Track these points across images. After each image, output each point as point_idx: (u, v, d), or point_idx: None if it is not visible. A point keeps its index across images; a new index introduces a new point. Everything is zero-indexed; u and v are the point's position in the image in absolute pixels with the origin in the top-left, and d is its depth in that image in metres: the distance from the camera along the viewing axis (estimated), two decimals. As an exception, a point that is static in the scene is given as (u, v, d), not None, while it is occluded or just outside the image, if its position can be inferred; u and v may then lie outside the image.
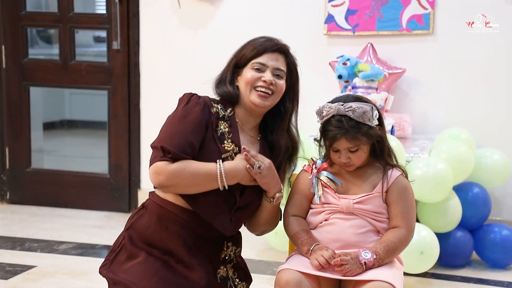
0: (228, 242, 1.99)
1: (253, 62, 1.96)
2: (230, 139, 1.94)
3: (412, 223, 1.94)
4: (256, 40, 2.00)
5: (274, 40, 2.02)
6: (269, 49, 1.97)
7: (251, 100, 1.95)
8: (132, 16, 4.19)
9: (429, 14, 3.71)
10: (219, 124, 1.94)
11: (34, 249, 3.56)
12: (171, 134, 1.87)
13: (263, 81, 1.94)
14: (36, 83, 4.46)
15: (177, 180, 1.84)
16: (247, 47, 1.99)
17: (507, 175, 3.47)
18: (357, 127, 1.88)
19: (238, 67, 1.99)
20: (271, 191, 1.94)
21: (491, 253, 3.33)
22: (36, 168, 4.51)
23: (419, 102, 3.79)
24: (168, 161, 1.84)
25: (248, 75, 1.95)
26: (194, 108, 1.91)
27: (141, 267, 1.87)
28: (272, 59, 1.97)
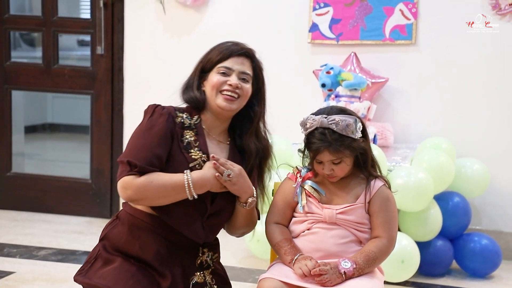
0: (203, 248, 1.98)
1: (219, 66, 1.97)
2: (197, 147, 1.94)
3: (394, 234, 1.96)
4: (222, 45, 2.01)
5: (240, 44, 2.02)
6: (235, 53, 1.98)
7: (217, 104, 1.95)
8: (117, 21, 4.18)
9: (412, 25, 3.74)
10: (185, 134, 1.94)
11: (13, 254, 3.53)
12: (137, 148, 1.87)
13: (228, 85, 1.95)
14: (18, 86, 4.43)
15: (145, 193, 1.85)
16: (213, 52, 2.00)
17: (486, 185, 3.50)
18: (340, 140, 1.89)
19: (204, 72, 2.00)
20: (243, 197, 1.95)
21: (470, 262, 3.36)
22: (17, 172, 4.47)
23: (401, 112, 3.82)
24: (135, 175, 1.84)
25: (214, 79, 1.96)
26: (159, 119, 1.91)
27: (116, 271, 1.87)
28: (237, 63, 1.98)
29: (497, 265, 3.38)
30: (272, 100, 4.10)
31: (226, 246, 2.12)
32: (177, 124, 1.93)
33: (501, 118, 3.72)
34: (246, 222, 2.02)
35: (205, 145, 1.95)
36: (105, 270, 1.89)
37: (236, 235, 2.08)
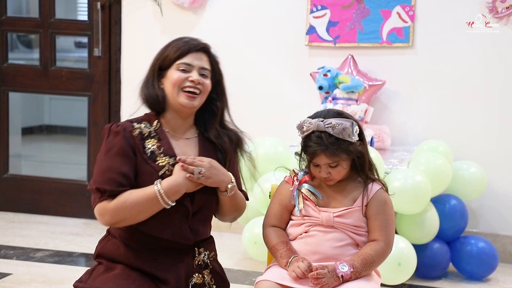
0: (199, 248, 1.98)
1: (178, 63, 1.94)
2: (163, 153, 1.92)
3: (391, 237, 1.96)
4: (178, 41, 1.99)
5: (196, 39, 2.01)
6: (193, 49, 1.96)
7: (179, 102, 1.94)
8: (114, 23, 4.18)
9: (409, 28, 3.75)
10: (146, 144, 1.92)
11: (9, 256, 3.52)
12: (102, 172, 1.87)
13: (190, 81, 1.93)
14: (15, 88, 4.43)
15: (122, 215, 1.85)
16: (170, 49, 1.97)
17: (483, 187, 3.51)
18: (336, 144, 1.89)
19: (162, 69, 1.97)
20: (222, 186, 1.93)
21: (467, 265, 3.36)
22: (14, 174, 4.47)
23: (398, 114, 3.83)
24: (107, 200, 1.85)
25: (174, 76, 1.93)
26: (115, 139, 1.90)
27: (118, 277, 1.87)
28: (197, 58, 1.96)
29: (493, 268, 3.38)
30: (269, 102, 4.16)
31: (223, 248, 2.13)
32: (136, 137, 1.91)
33: (498, 121, 3.73)
34: (234, 208, 2.02)
35: (170, 149, 1.94)
36: (106, 276, 1.89)
37: (228, 221, 2.08)
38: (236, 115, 4.38)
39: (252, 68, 4.01)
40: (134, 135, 1.92)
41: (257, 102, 4.02)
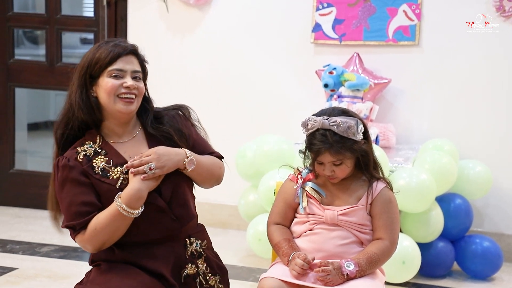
0: (190, 238, 1.98)
1: (110, 69, 1.89)
2: (113, 166, 1.90)
3: (396, 235, 1.96)
4: (105, 46, 1.93)
5: (122, 42, 1.96)
6: (123, 53, 1.91)
7: (118, 109, 1.90)
8: (120, 19, 4.19)
9: (415, 26, 3.74)
10: (94, 164, 1.90)
11: (15, 251, 3.54)
12: (66, 209, 1.88)
13: (125, 87, 1.90)
14: (21, 84, 4.44)
15: (100, 239, 1.86)
16: (98, 55, 1.89)
17: (489, 186, 3.50)
18: (341, 142, 1.89)
19: (92, 77, 1.90)
20: (180, 166, 1.91)
21: (472, 264, 3.36)
22: (20, 169, 4.48)
23: (404, 113, 3.82)
24: (81, 233, 1.87)
25: (108, 84, 1.88)
26: (64, 172, 1.89)
27: (119, 275, 1.87)
28: (128, 62, 1.91)
29: (498, 267, 3.38)
30: (274, 100, 4.16)
31: (228, 245, 2.14)
32: (82, 161, 1.89)
33: (504, 120, 3.71)
34: (207, 175, 2.00)
35: (120, 157, 1.92)
36: (106, 275, 1.89)
37: (210, 187, 2.06)
38: (241, 112, 4.42)
39: (257, 65, 4.01)
40: (79, 160, 1.89)
41: (262, 100, 4.02)
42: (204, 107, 4.01)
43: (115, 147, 1.94)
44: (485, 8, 3.65)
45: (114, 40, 1.95)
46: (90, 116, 1.92)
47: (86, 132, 1.96)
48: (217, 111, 4.06)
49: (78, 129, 1.95)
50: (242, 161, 3.51)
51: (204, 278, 1.96)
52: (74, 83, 1.93)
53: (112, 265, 1.91)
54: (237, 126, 4.06)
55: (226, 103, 4.08)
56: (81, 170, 1.88)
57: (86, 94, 1.90)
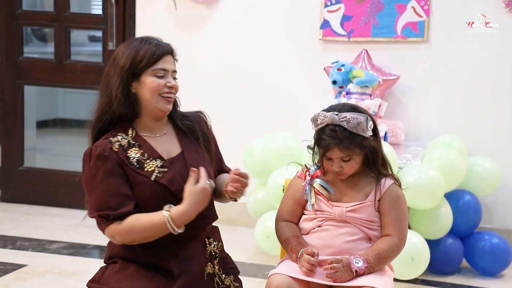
0: (209, 238, 2.00)
1: (155, 68, 1.91)
2: (148, 158, 1.91)
3: (404, 232, 1.96)
4: (146, 45, 1.93)
5: (162, 41, 1.99)
6: (166, 53, 1.95)
7: (159, 108, 1.92)
8: (128, 17, 4.20)
9: (424, 22, 3.73)
10: (129, 154, 1.90)
11: (25, 248, 3.56)
12: (98, 198, 1.87)
13: (169, 87, 1.93)
14: (30, 82, 4.46)
15: (132, 238, 1.87)
16: (142, 53, 1.91)
17: (498, 183, 3.49)
18: (350, 138, 1.89)
19: (133, 75, 1.91)
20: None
21: (481, 261, 3.35)
22: (29, 167, 4.51)
23: (412, 109, 3.81)
24: (114, 223, 1.85)
25: (154, 83, 1.90)
26: (99, 162, 1.88)
27: (133, 276, 1.87)
28: (169, 62, 1.95)
29: (507, 264, 3.37)
30: (282, 96, 4.16)
31: (236, 242, 2.14)
32: (118, 151, 1.89)
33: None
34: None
35: (154, 151, 1.93)
36: (121, 275, 1.89)
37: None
38: (249, 109, 4.42)
39: (265, 62, 4.01)
40: (115, 150, 1.89)
41: (270, 97, 4.02)
42: (212, 104, 4.01)
43: (148, 141, 1.95)
44: (494, 4, 3.63)
45: (152, 39, 1.97)
46: (129, 111, 1.93)
47: (117, 125, 1.96)
48: (225, 109, 4.06)
49: (109, 123, 1.96)
50: (250, 159, 3.51)
51: (220, 279, 1.98)
52: (115, 79, 1.92)
53: (128, 264, 1.91)
54: (245, 123, 4.06)
55: (234, 100, 4.08)
56: (116, 160, 1.88)
57: (127, 90, 1.92)
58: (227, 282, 1.99)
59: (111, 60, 1.97)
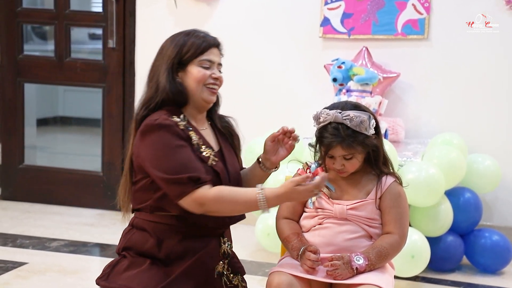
0: (223, 238, 2.01)
1: (201, 59, 1.94)
2: (203, 144, 1.92)
3: (405, 230, 1.96)
4: (195, 35, 1.97)
5: (209, 34, 2.01)
6: (212, 45, 1.97)
7: (204, 98, 1.95)
8: (129, 14, 4.20)
9: (424, 19, 3.73)
10: (191, 135, 1.91)
11: (25, 245, 3.56)
12: (183, 162, 1.84)
13: (213, 78, 1.95)
14: (30, 79, 4.46)
15: (219, 207, 1.85)
16: (190, 43, 1.94)
17: (498, 180, 3.49)
18: (353, 136, 1.89)
19: (180, 64, 1.94)
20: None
21: (481, 258, 3.35)
22: (29, 165, 4.51)
23: (413, 107, 3.81)
24: (202, 188, 1.83)
25: (199, 73, 1.93)
26: (170, 130, 1.86)
27: (145, 275, 1.86)
28: (215, 54, 1.98)
29: (507, 261, 3.37)
30: (283, 94, 4.15)
31: (237, 240, 2.13)
32: (183, 130, 1.90)
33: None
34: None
35: (205, 140, 1.95)
36: (132, 272, 1.88)
37: None
38: (250, 107, 4.42)
39: (266, 60, 4.01)
40: (180, 127, 1.90)
41: (270, 94, 4.02)
42: (213, 102, 4.01)
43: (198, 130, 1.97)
44: (494, 2, 3.63)
45: (200, 32, 1.99)
46: (177, 98, 1.93)
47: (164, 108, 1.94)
48: (225, 106, 4.04)
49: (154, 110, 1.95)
50: (251, 157, 3.50)
51: (228, 278, 1.98)
52: (161, 66, 1.95)
53: (140, 259, 1.89)
54: (245, 121, 4.02)
55: (235, 98, 4.07)
56: (183, 136, 1.88)
57: (173, 79, 1.93)
58: (235, 282, 2.00)
59: (159, 50, 2.00)
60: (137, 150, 1.90)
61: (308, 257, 1.88)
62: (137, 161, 1.92)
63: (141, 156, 1.89)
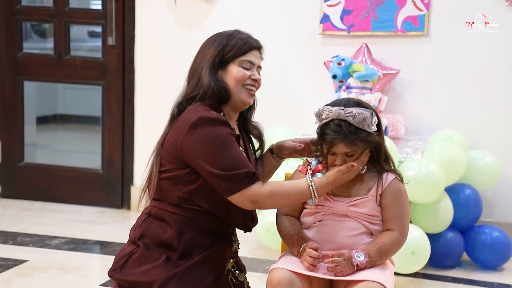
0: (234, 236, 2.04)
1: (242, 59, 1.96)
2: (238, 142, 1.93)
3: (406, 226, 1.96)
4: (238, 36, 1.99)
5: (252, 36, 2.03)
6: (254, 47, 2.00)
7: (241, 98, 1.96)
8: (128, 12, 4.19)
9: (424, 16, 3.72)
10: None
11: (26, 243, 3.56)
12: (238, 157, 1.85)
13: (252, 80, 1.97)
14: (30, 77, 4.45)
15: (273, 202, 1.89)
16: (231, 44, 1.97)
17: (498, 177, 3.49)
18: (355, 133, 1.88)
19: (222, 63, 1.97)
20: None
21: (481, 254, 3.35)
22: (29, 163, 4.51)
23: (413, 103, 3.81)
24: (255, 185, 1.84)
25: (239, 73, 1.95)
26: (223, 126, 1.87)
27: (162, 270, 1.86)
28: (256, 56, 2.00)
29: (508, 257, 3.37)
30: (282, 91, 4.15)
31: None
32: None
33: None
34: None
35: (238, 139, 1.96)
36: (147, 267, 1.88)
37: None
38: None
39: (266, 57, 3.99)
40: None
41: (270, 91, 4.00)
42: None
43: None
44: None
45: (243, 33, 2.02)
46: (220, 95, 1.94)
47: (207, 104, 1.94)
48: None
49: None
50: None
51: (234, 275, 2.00)
52: (203, 65, 1.97)
53: (154, 251, 1.89)
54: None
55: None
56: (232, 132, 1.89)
57: (215, 77, 1.95)
58: (241, 279, 2.02)
59: (199, 50, 2.03)
60: (183, 142, 1.87)
61: (309, 254, 1.88)
62: (177, 152, 1.88)
63: (188, 149, 1.86)
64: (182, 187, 1.89)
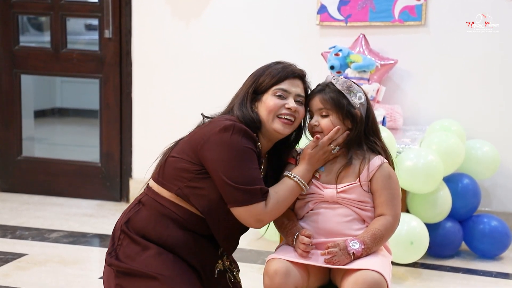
0: None
1: (275, 88, 1.94)
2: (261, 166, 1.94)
3: (398, 210, 1.97)
4: (274, 66, 1.98)
5: (292, 65, 2.01)
6: (291, 76, 1.96)
7: (274, 128, 1.94)
8: (124, 4, 4.17)
9: (421, 6, 3.71)
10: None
11: (25, 237, 3.56)
12: (254, 173, 1.86)
13: (287, 109, 1.94)
14: (27, 71, 4.44)
15: (277, 212, 1.91)
16: (267, 74, 1.96)
17: (496, 166, 3.49)
18: (335, 94, 1.95)
19: (257, 94, 1.96)
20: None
21: (480, 244, 3.36)
22: (27, 156, 4.50)
23: (411, 94, 3.80)
24: (262, 202, 1.86)
25: (271, 103, 1.93)
26: (249, 139, 1.88)
27: (160, 259, 1.86)
28: (294, 85, 1.96)
29: (506, 247, 3.38)
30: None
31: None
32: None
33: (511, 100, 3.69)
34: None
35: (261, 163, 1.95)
36: (144, 256, 1.87)
37: None
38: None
39: (263, 48, 3.99)
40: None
41: (268, 83, 4.00)
42: (210, 90, 4.00)
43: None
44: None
45: (285, 63, 2.00)
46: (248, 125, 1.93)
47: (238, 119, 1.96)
48: (223, 95, 4.03)
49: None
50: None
51: (232, 274, 2.01)
52: (240, 94, 2.00)
53: (148, 244, 1.89)
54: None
55: (232, 87, 4.05)
56: (254, 147, 1.90)
57: (246, 107, 1.95)
58: (238, 278, 2.03)
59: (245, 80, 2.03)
60: (208, 141, 1.87)
61: (302, 241, 1.88)
62: (198, 147, 1.88)
63: (211, 149, 1.86)
64: (186, 181, 1.89)
